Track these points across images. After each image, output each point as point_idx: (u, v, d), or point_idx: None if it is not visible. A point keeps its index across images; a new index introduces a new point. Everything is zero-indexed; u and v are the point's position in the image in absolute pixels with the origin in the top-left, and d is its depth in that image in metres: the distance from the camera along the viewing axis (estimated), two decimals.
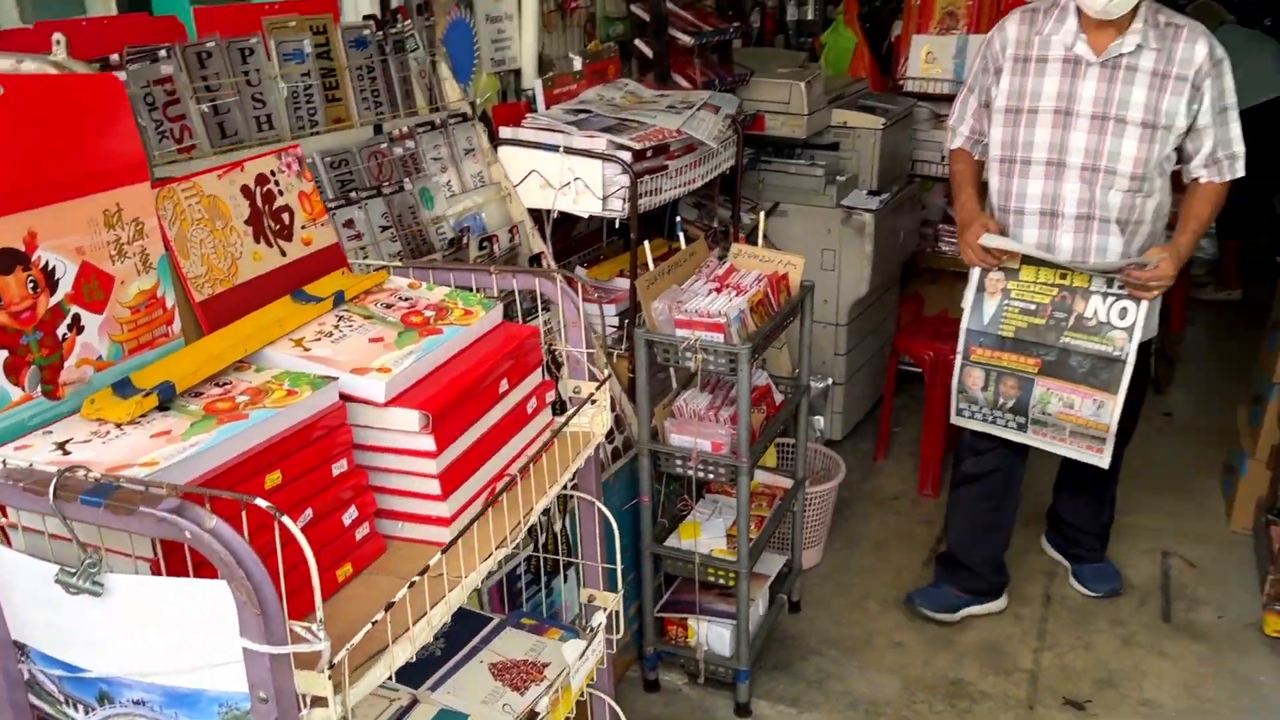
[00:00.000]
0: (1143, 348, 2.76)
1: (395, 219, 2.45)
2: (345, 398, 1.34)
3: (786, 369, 3.65)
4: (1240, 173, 2.70)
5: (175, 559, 1.11)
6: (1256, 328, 4.36)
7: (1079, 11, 2.61)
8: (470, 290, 1.65)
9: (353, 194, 2.33)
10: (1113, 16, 2.53)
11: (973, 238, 2.71)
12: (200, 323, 1.44)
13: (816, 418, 3.80)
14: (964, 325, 2.81)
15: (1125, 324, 2.64)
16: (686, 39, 3.21)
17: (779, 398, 2.92)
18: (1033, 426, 2.80)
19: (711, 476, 2.70)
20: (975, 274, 2.78)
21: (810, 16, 4.55)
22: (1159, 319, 2.83)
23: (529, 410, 1.59)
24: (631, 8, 3.31)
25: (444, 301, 1.58)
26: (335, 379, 1.33)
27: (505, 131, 2.78)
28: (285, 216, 1.56)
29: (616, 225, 2.86)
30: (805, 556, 3.33)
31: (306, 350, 1.40)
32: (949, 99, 3.71)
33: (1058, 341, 2.70)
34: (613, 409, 2.05)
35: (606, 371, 1.72)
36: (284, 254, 1.54)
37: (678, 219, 3.26)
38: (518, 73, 3.05)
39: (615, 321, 2.97)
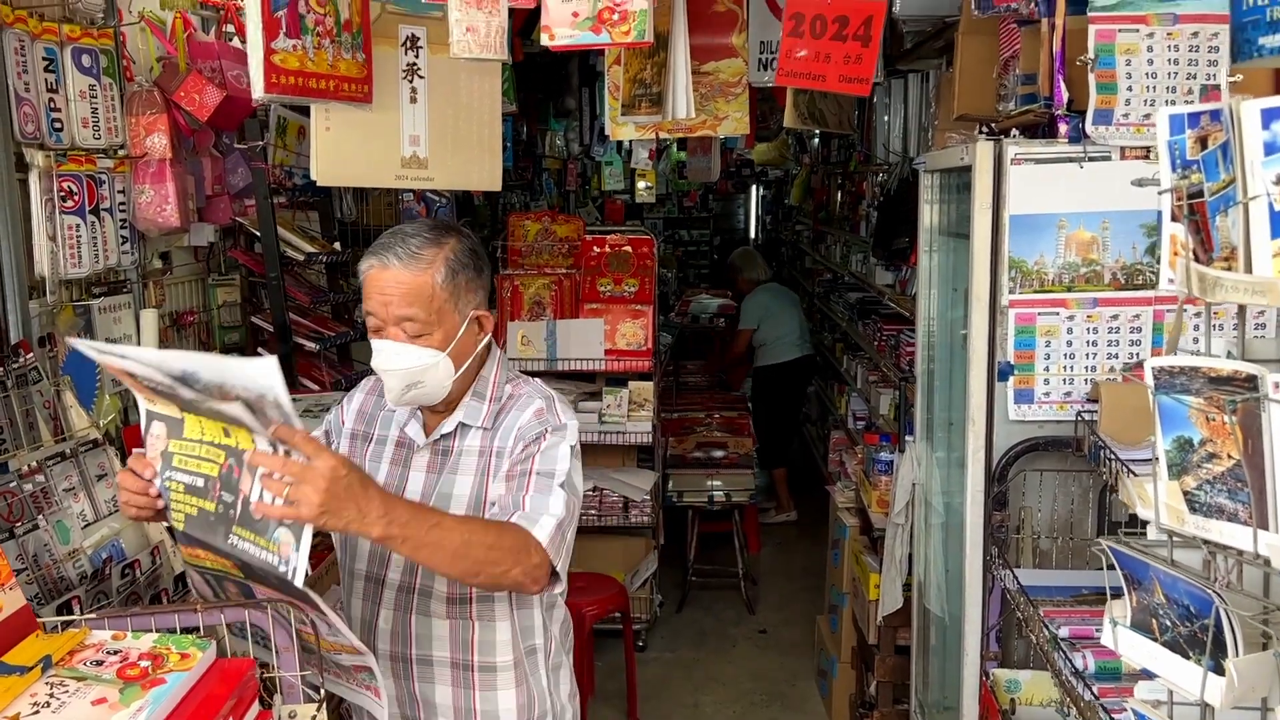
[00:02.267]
0: None
1: (31, 560, 2.32)
2: None
3: None
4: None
5: None
6: (819, 543, 5.16)
7: None
8: (174, 631, 1.67)
9: None
10: (415, 405, 1.97)
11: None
12: None
13: None
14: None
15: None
16: (311, 345, 3.40)
17: None
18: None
19: None
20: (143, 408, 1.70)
21: None
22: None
23: None
24: (251, 319, 3.46)
25: (155, 648, 1.59)
26: None
27: None
28: None
29: None
30: None
31: None
32: (543, 374, 4.21)
33: (226, 544, 1.59)
34: None
35: (323, 692, 1.78)
36: None
37: None
38: None
39: None
